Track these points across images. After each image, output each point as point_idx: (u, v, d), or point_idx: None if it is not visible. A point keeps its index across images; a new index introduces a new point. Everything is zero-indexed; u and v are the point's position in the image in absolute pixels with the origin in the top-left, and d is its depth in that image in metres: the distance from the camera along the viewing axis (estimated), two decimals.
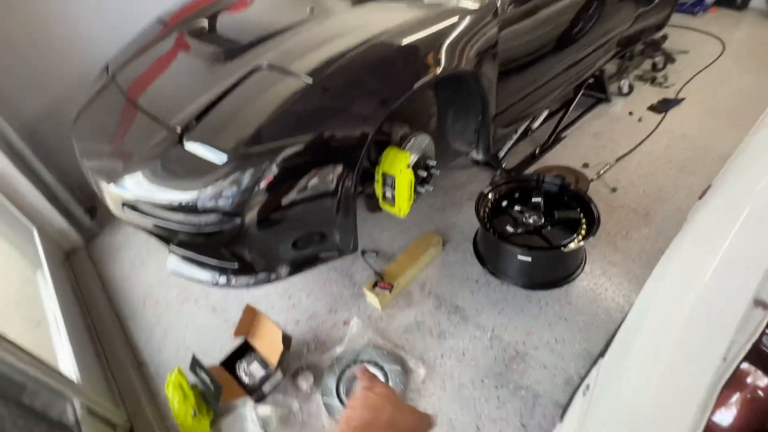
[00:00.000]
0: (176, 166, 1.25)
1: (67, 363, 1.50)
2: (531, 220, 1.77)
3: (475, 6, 1.54)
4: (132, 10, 2.36)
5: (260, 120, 1.20)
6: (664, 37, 3.27)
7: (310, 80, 1.23)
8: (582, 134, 2.61)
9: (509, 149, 2.39)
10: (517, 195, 1.90)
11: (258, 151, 1.18)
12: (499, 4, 1.56)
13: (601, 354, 0.86)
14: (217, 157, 1.19)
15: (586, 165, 2.34)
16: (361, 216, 1.55)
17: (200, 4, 2.03)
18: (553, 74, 2.03)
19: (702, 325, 0.70)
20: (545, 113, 2.46)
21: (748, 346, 0.62)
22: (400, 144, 1.53)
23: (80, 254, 2.33)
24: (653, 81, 3.01)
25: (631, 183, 2.20)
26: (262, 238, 1.26)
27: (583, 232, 1.67)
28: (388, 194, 1.51)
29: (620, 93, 2.91)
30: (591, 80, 2.73)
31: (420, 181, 1.57)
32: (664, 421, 0.63)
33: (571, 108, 2.58)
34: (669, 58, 3.20)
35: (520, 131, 2.33)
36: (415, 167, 1.52)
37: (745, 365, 0.63)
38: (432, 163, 1.59)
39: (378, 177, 1.50)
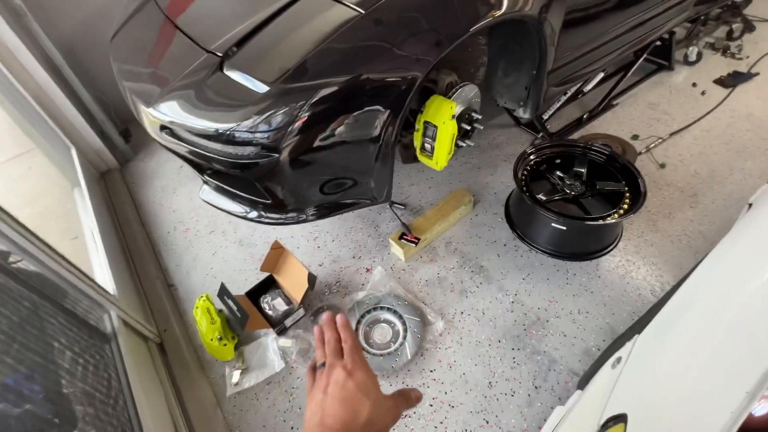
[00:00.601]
0: (215, 94, 1.21)
1: (104, 276, 1.58)
2: (571, 188, 1.69)
3: None
4: None
5: (304, 52, 1.13)
6: (748, 1, 2.92)
7: (360, 11, 1.14)
8: (636, 103, 2.42)
9: (555, 111, 2.25)
10: (559, 160, 1.81)
11: (300, 86, 1.12)
12: None
13: (638, 329, 0.84)
14: (258, 87, 1.14)
15: (635, 137, 2.20)
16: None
17: None
18: (620, 31, 1.84)
19: (762, 314, 0.66)
20: (600, 76, 2.27)
21: None
22: (446, 93, 1.44)
23: (115, 176, 2.38)
24: (725, 51, 2.72)
25: (682, 161, 2.06)
26: (297, 177, 1.24)
27: (625, 206, 1.59)
28: (428, 145, 1.45)
29: (686, 61, 2.66)
30: (657, 43, 2.50)
31: (462, 135, 1.50)
32: (706, 403, 0.61)
33: (629, 73, 2.38)
34: (748, 26, 2.87)
35: (570, 93, 2.18)
36: (459, 119, 1.45)
37: None
38: (477, 116, 1.50)
39: (419, 126, 1.43)
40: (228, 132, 1.16)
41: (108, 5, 2.26)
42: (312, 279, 1.63)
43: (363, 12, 1.13)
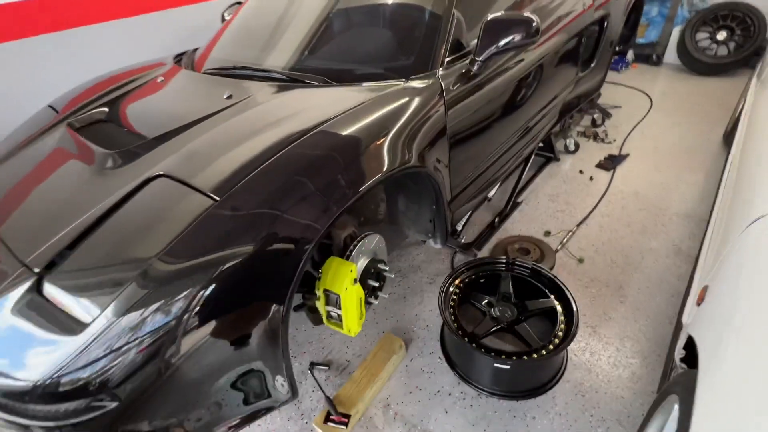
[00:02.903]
0: (31, 324, 0.89)
1: None
2: (503, 314, 1.54)
3: (421, 85, 1.37)
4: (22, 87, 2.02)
5: (148, 253, 0.89)
6: (598, 94, 3.40)
7: (215, 198, 0.95)
8: (537, 197, 2.51)
9: (466, 222, 2.22)
10: (483, 279, 1.69)
11: (138, 305, 0.86)
12: (443, 84, 1.41)
13: None
14: (87, 312, 0.85)
15: (547, 233, 2.21)
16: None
17: (104, 86, 1.74)
18: (505, 147, 1.91)
19: None
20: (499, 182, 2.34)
21: None
22: (345, 250, 1.27)
23: None
24: (596, 137, 3.05)
25: (596, 251, 2.08)
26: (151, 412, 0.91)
27: (562, 326, 1.46)
28: (334, 314, 1.22)
29: (567, 151, 2.90)
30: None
31: (371, 292, 1.31)
32: None
33: (525, 171, 2.49)
34: (605, 114, 3.30)
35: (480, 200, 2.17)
36: (364, 277, 1.26)
37: None
38: (384, 268, 1.33)
39: (320, 293, 1.21)
40: (41, 385, 0.82)
41: None
42: None
43: (218, 199, 0.94)
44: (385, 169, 1.15)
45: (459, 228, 2.18)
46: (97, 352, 0.83)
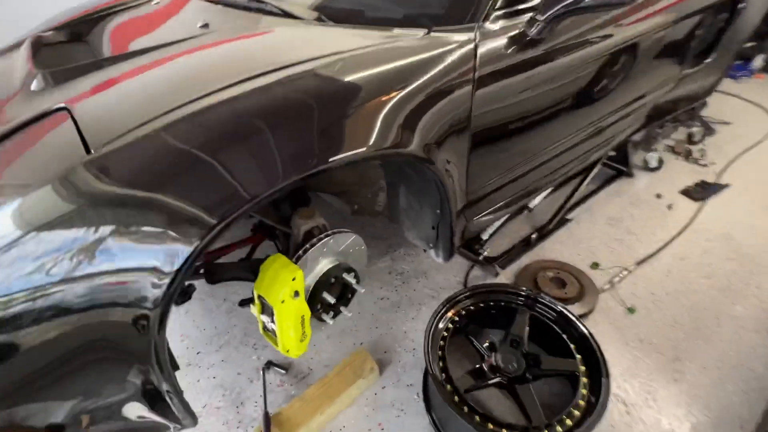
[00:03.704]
0: None
1: None
2: (506, 364, 1.18)
3: (446, 42, 0.99)
4: None
5: None
6: (703, 103, 2.72)
7: (89, 155, 0.67)
8: (594, 218, 2.03)
9: (497, 230, 1.82)
10: (493, 310, 1.32)
11: None
12: (480, 49, 1.01)
13: None
14: None
15: (595, 265, 1.76)
16: None
17: (103, 5, 1.53)
18: (559, 149, 1.47)
19: None
20: (548, 190, 1.89)
21: None
22: (301, 246, 0.96)
23: None
24: (688, 156, 2.44)
25: (655, 302, 1.60)
26: None
27: (581, 401, 1.08)
28: (269, 327, 0.94)
29: (646, 167, 2.34)
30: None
31: (326, 307, 1.00)
32: None
33: (585, 182, 2.02)
34: (708, 129, 2.64)
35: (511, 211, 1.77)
36: (320, 286, 0.96)
37: None
38: (351, 280, 1.01)
39: (255, 297, 0.93)
40: None
41: None
42: None
43: (91, 156, 0.66)
44: (367, 146, 0.81)
45: (485, 237, 1.80)
46: None
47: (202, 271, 1.18)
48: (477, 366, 1.20)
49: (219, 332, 1.59)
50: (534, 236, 1.86)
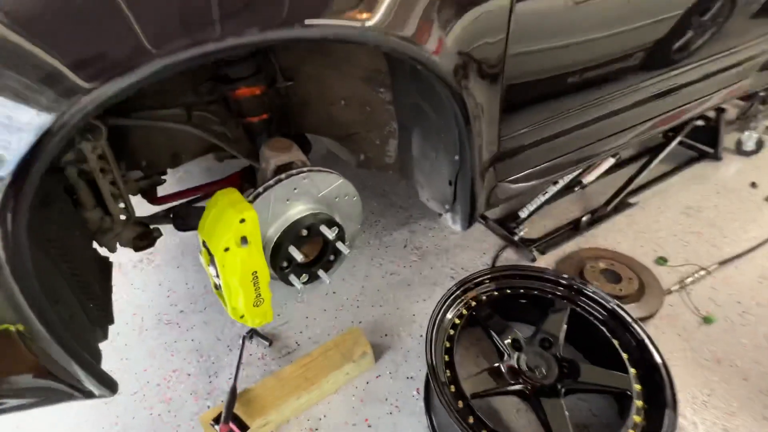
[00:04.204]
0: None
1: None
2: (532, 371, 0.91)
3: None
4: None
5: None
6: None
7: None
8: (665, 204, 1.65)
9: (538, 207, 1.51)
10: (523, 299, 1.05)
11: None
12: None
13: None
14: None
15: (662, 260, 1.40)
16: None
17: None
18: (632, 99, 1.13)
19: None
20: (609, 162, 1.55)
21: None
22: (269, 184, 0.74)
23: None
24: None
25: (742, 314, 1.24)
26: None
27: (634, 429, 0.79)
28: (217, 281, 0.73)
29: (740, 150, 1.89)
30: (697, 122, 1.78)
31: (292, 269, 0.77)
32: None
33: (656, 160, 1.64)
34: None
35: (559, 185, 1.45)
36: (285, 238, 0.73)
37: None
38: (329, 235, 0.77)
39: (200, 242, 0.72)
40: None
41: None
42: None
43: None
44: (370, 26, 0.56)
45: (523, 215, 1.51)
46: None
47: (171, 215, 1.01)
48: (494, 366, 0.94)
49: (207, 291, 1.43)
50: (585, 219, 1.53)
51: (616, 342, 0.92)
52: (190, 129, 0.87)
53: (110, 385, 0.67)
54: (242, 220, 0.64)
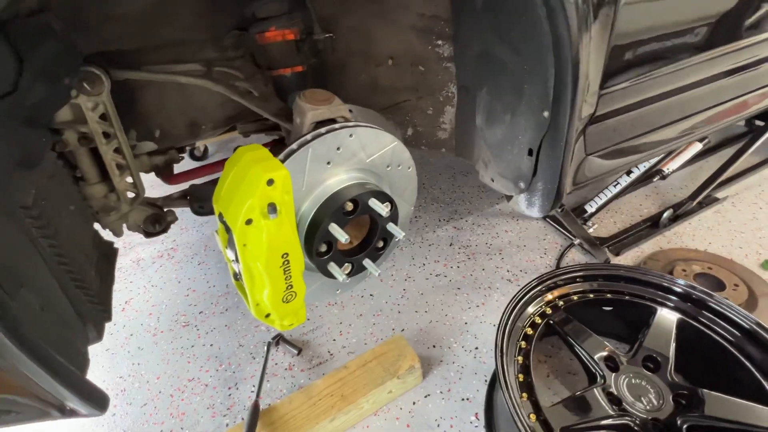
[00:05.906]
0: None
1: None
2: (635, 398, 0.69)
3: None
4: None
5: None
6: None
7: None
8: (762, 200, 1.39)
9: (610, 199, 1.29)
10: (609, 306, 0.84)
11: None
12: None
13: None
14: None
15: None
16: None
17: None
18: (720, 69, 0.90)
19: None
20: (696, 148, 1.31)
21: None
22: (306, 138, 0.57)
23: None
24: None
25: None
26: None
27: None
28: (236, 267, 0.56)
29: None
30: None
31: (336, 255, 0.59)
32: None
33: (752, 148, 1.38)
34: None
35: (640, 171, 1.22)
36: (323, 217, 0.55)
37: None
38: (383, 210, 0.59)
39: (216, 216, 0.55)
40: None
41: None
42: None
43: None
44: None
45: (590, 209, 1.29)
46: None
47: (188, 197, 0.86)
48: (585, 390, 0.73)
49: (229, 291, 1.28)
50: (667, 214, 1.29)
51: (756, 371, 0.68)
52: (210, 84, 0.72)
53: (98, 401, 0.51)
54: (270, 181, 0.46)
